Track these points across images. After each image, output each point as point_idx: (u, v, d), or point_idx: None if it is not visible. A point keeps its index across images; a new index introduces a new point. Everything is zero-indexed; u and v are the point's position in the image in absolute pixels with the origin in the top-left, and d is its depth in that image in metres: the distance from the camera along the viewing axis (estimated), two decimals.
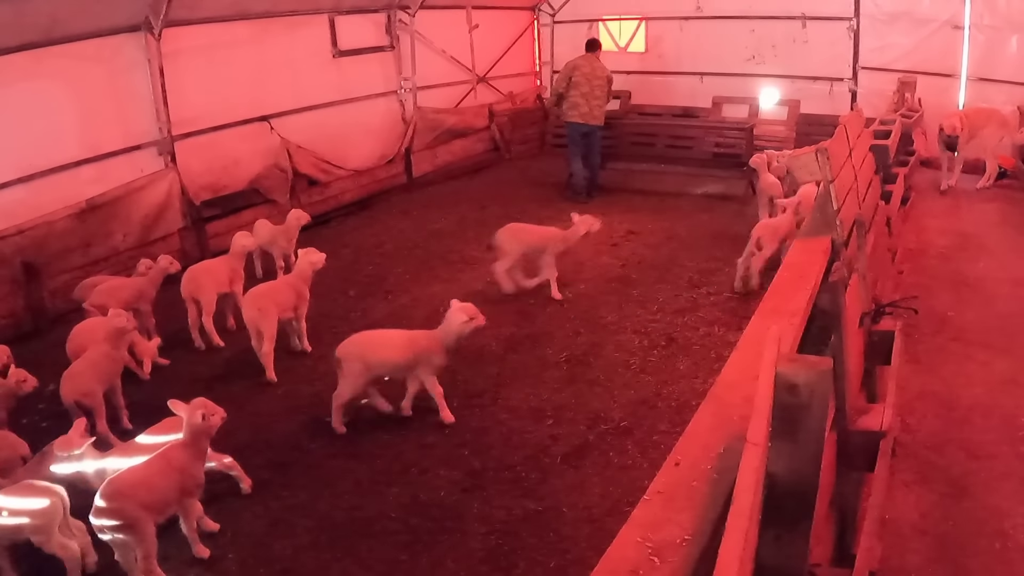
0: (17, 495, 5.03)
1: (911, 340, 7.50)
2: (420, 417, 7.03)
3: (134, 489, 4.93)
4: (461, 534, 5.54)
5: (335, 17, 13.78)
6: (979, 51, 14.61)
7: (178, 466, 5.16)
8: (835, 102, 15.69)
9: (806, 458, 2.44)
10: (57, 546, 4.96)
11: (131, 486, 4.94)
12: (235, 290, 8.58)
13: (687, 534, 2.17)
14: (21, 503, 4.98)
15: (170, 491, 5.10)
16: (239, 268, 8.72)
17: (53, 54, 9.51)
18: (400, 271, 10.76)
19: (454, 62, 16.84)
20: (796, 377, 2.33)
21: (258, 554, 5.44)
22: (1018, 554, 4.81)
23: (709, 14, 17.32)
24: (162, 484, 5.06)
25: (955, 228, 11.12)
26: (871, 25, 15.65)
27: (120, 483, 4.92)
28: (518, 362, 8.05)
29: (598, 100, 14.11)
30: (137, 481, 4.99)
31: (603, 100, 14.21)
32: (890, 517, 5.10)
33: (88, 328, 7.39)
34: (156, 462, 5.16)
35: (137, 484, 4.97)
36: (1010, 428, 6.18)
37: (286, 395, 7.56)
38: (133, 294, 8.23)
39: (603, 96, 14.20)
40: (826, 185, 4.92)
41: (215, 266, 8.70)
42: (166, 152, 10.98)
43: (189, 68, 11.17)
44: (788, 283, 4.10)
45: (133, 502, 4.85)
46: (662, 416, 6.77)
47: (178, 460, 5.18)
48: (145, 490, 4.95)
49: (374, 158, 14.81)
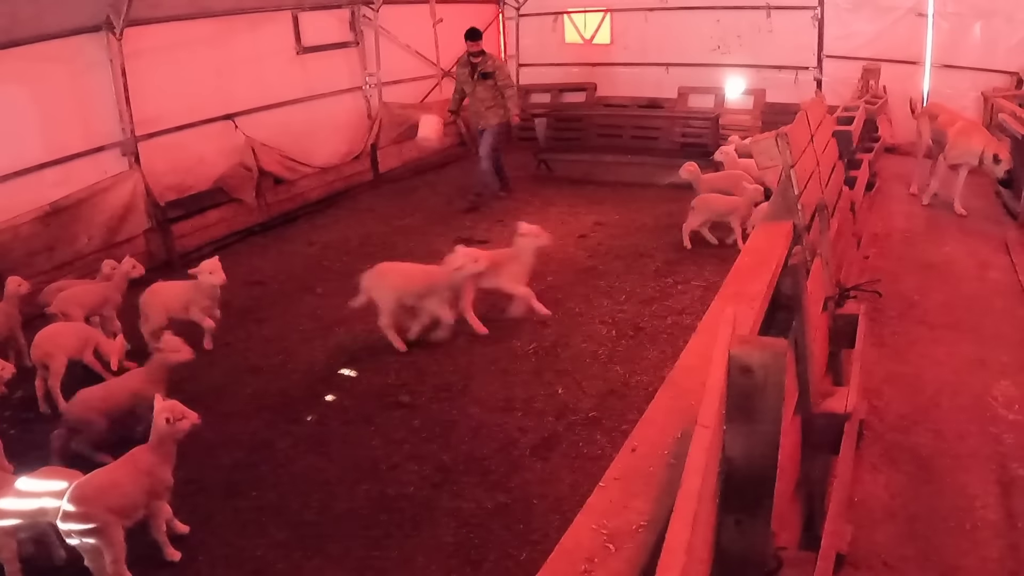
0: (41, 479, 5.01)
1: (877, 324, 7.55)
2: (387, 412, 7.01)
3: (101, 493, 4.86)
4: (431, 528, 5.51)
5: (298, 14, 13.69)
6: (943, 38, 14.76)
7: (145, 469, 5.10)
8: (800, 91, 15.72)
9: (763, 441, 2.43)
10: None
11: (98, 490, 4.87)
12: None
13: (643, 520, 2.15)
14: (47, 486, 4.94)
15: (138, 494, 5.04)
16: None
17: (13, 55, 9.37)
18: (367, 267, 10.68)
19: (419, 57, 16.78)
20: (750, 359, 2.31)
21: (229, 555, 5.40)
22: (987, 532, 4.83)
23: (674, 5, 17.38)
24: (130, 487, 5.00)
25: (921, 212, 11.20)
26: (835, 14, 15.75)
27: (87, 487, 4.86)
28: (486, 354, 8.02)
29: (481, 98, 13.42)
30: (104, 485, 4.93)
31: (489, 97, 13.37)
32: (859, 499, 5.11)
33: (53, 333, 7.30)
34: (123, 465, 5.11)
35: (104, 488, 4.90)
36: (977, 408, 6.22)
37: (254, 395, 7.51)
38: (98, 299, 8.13)
39: (488, 92, 13.36)
40: (786, 170, 4.92)
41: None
42: (130, 153, 10.84)
43: (152, 67, 11.04)
44: (749, 268, 4.10)
45: (100, 506, 4.79)
46: (631, 406, 6.77)
47: (145, 463, 5.13)
48: (113, 494, 4.89)
49: (340, 155, 14.75)
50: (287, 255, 11.44)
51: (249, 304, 9.67)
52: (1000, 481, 5.30)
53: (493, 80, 13.24)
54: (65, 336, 7.27)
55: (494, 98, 13.30)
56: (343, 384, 7.61)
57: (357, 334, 8.62)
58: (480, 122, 13.51)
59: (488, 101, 13.32)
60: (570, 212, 12.71)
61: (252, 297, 9.90)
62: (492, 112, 13.36)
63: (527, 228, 8.46)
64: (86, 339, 7.39)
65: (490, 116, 13.36)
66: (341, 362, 8.04)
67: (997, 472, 5.40)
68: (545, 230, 8.60)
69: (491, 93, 13.28)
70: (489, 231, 11.93)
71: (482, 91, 13.31)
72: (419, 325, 8.28)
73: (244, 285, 10.27)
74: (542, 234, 8.46)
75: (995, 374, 6.67)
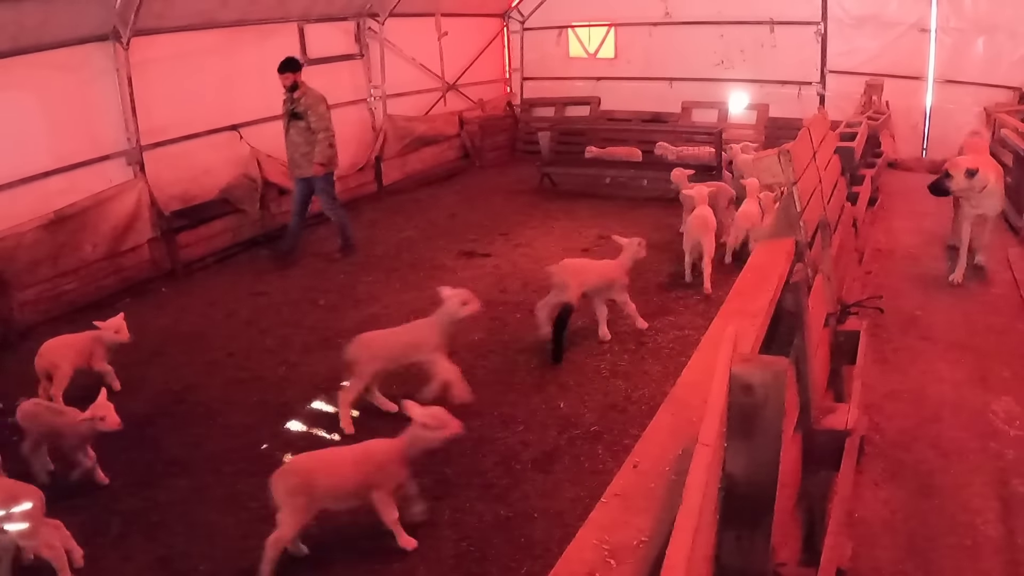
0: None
1: (879, 340, 7.55)
2: (389, 425, 7.00)
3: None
4: (432, 541, 5.51)
5: (304, 25, 13.77)
6: (946, 53, 14.82)
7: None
8: (804, 106, 15.79)
9: (764, 458, 2.44)
10: (44, 546, 4.93)
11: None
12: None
13: (644, 536, 2.17)
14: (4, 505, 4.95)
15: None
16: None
17: (20, 63, 9.44)
18: (370, 280, 10.73)
19: (424, 70, 16.85)
20: (751, 377, 2.34)
21: (231, 565, 5.40)
22: (988, 549, 4.82)
23: (678, 20, 17.47)
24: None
25: (923, 228, 11.18)
26: (838, 29, 15.82)
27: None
28: (488, 368, 8.04)
29: (294, 142, 11.36)
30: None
31: (303, 141, 11.24)
32: (860, 515, 5.11)
33: (59, 344, 7.33)
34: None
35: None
36: (979, 425, 6.20)
37: (256, 405, 7.53)
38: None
39: (302, 136, 11.24)
40: (789, 187, 4.95)
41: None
42: (135, 162, 10.89)
43: (158, 77, 11.11)
44: (751, 284, 4.12)
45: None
46: (632, 420, 6.77)
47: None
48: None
49: (344, 166, 14.71)
50: (289, 266, 11.46)
51: (252, 315, 9.70)
52: (1001, 497, 5.28)
53: (306, 121, 11.14)
54: (69, 347, 7.32)
55: (308, 143, 11.18)
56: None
57: None
58: (295, 171, 11.48)
59: (302, 146, 11.22)
60: (573, 226, 12.74)
61: (255, 308, 9.94)
62: (307, 160, 11.27)
63: (451, 293, 7.13)
64: (90, 348, 7.46)
65: (304, 165, 11.32)
66: (344, 374, 8.03)
67: (998, 488, 5.39)
68: (474, 296, 7.24)
69: (304, 137, 11.18)
70: (492, 244, 11.96)
71: (295, 134, 11.23)
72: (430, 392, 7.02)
73: (247, 296, 10.32)
74: (470, 299, 7.11)
75: (996, 390, 6.66)
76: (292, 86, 11.07)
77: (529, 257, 11.33)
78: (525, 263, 11.06)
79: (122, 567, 5.35)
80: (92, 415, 5.90)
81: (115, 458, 6.40)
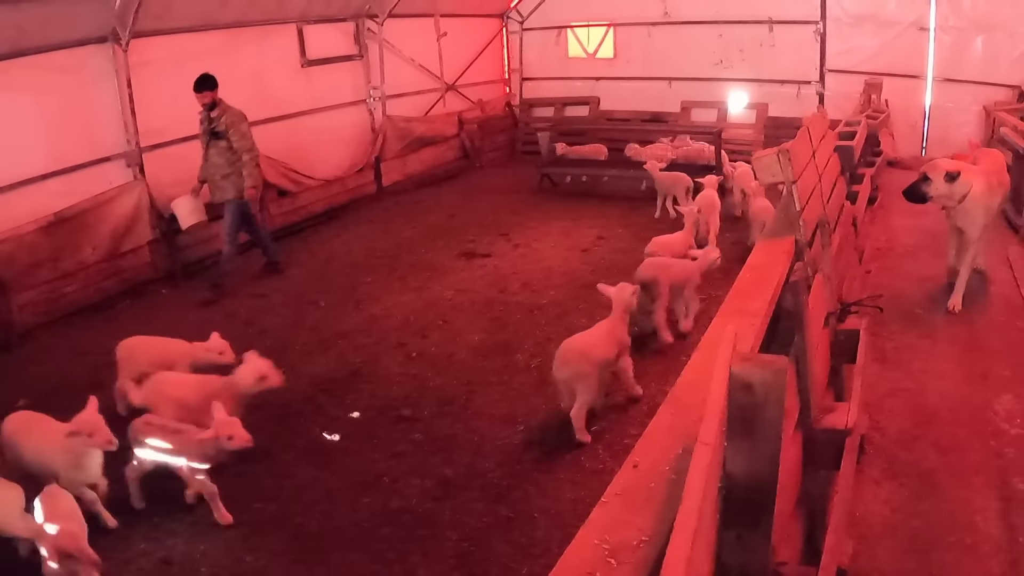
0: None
1: (880, 338, 7.54)
2: (389, 426, 7.02)
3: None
4: (433, 542, 5.52)
5: (303, 26, 13.77)
6: (945, 52, 14.83)
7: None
8: (803, 105, 15.77)
9: (764, 457, 2.45)
10: (23, 529, 4.92)
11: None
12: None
13: (644, 535, 2.17)
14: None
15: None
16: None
17: (19, 65, 9.42)
18: (370, 281, 10.73)
19: (423, 70, 16.85)
20: (751, 376, 2.34)
21: (231, 566, 5.41)
22: (989, 547, 4.82)
23: (677, 19, 17.47)
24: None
25: (923, 227, 11.16)
26: (837, 28, 15.83)
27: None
28: (489, 369, 8.04)
29: (215, 164, 10.57)
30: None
31: (224, 163, 10.50)
32: (860, 514, 5.10)
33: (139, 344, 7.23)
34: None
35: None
36: (979, 423, 6.19)
37: (256, 406, 7.48)
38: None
39: (222, 157, 10.50)
40: (788, 186, 4.95)
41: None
42: (134, 164, 10.89)
43: (157, 79, 11.08)
44: (751, 284, 4.12)
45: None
46: (633, 420, 6.78)
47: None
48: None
49: (343, 167, 14.80)
50: (290, 267, 11.46)
51: (251, 316, 9.71)
52: (1002, 496, 5.28)
53: (227, 141, 10.42)
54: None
55: (231, 164, 10.47)
56: (345, 397, 7.62)
57: (359, 347, 8.65)
58: (216, 194, 10.69)
59: (223, 168, 10.49)
60: (573, 226, 12.74)
61: (255, 309, 9.94)
62: (230, 182, 10.55)
63: (253, 362, 6.32)
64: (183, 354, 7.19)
65: (227, 187, 10.58)
66: (343, 375, 8.05)
67: (999, 487, 5.38)
68: (276, 369, 6.48)
69: (226, 158, 10.45)
70: (492, 245, 11.96)
71: (215, 155, 10.50)
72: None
73: (247, 297, 10.33)
74: (271, 373, 6.33)
75: (997, 388, 6.65)
76: (211, 104, 10.34)
77: (529, 258, 11.33)
78: (525, 263, 11.07)
79: (123, 569, 5.35)
80: (217, 434, 5.44)
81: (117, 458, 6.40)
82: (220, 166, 10.44)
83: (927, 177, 7.86)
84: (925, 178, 7.87)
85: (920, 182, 7.91)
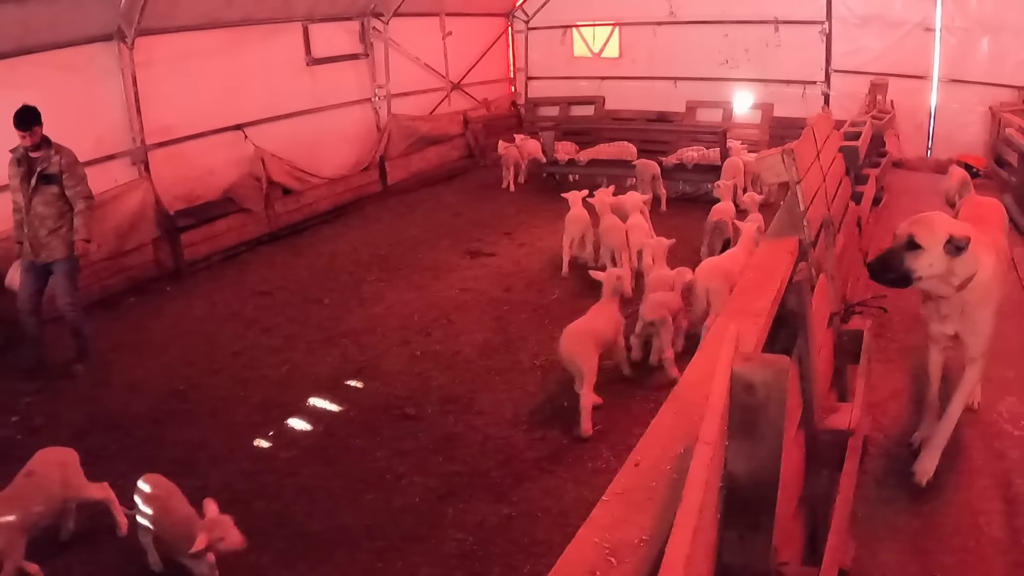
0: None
1: (884, 339, 7.54)
2: (393, 424, 7.03)
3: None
4: (436, 540, 5.52)
5: (309, 25, 13.80)
6: (950, 53, 14.81)
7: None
8: (808, 105, 15.80)
9: (765, 457, 2.44)
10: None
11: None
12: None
13: (645, 534, 2.16)
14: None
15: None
16: None
17: (25, 63, 9.47)
18: (374, 279, 10.74)
19: (428, 69, 16.88)
20: (753, 376, 2.34)
21: (235, 564, 5.39)
22: (991, 549, 4.81)
23: (682, 19, 17.48)
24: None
25: None
26: (843, 28, 15.83)
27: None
28: (493, 368, 8.04)
29: (41, 215, 8.03)
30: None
31: (54, 214, 8.06)
32: (863, 515, 5.10)
33: None
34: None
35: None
36: (983, 424, 6.19)
37: (260, 405, 7.53)
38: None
39: (52, 207, 8.05)
40: (793, 186, 4.93)
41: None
42: (139, 161, 10.94)
43: (162, 77, 11.13)
44: (754, 284, 4.11)
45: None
46: (637, 420, 6.75)
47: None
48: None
49: (348, 166, 14.82)
50: (295, 265, 11.48)
51: (256, 314, 9.72)
52: (1005, 497, 5.28)
53: (59, 187, 8.06)
54: None
55: (61, 215, 8.09)
56: (349, 395, 7.63)
57: (363, 345, 8.66)
58: (42, 254, 8.12)
59: (51, 221, 8.06)
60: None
61: (259, 307, 9.95)
62: (58, 238, 8.13)
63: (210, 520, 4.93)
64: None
65: (55, 245, 8.13)
66: (347, 373, 8.06)
67: (1002, 488, 5.38)
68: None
69: (56, 208, 8.07)
70: (496, 244, 11.96)
71: (42, 204, 8.02)
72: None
73: (251, 295, 10.34)
74: (227, 535, 4.88)
75: (1001, 390, 6.64)
76: (42, 142, 7.98)
77: (533, 256, 11.32)
78: (529, 262, 11.07)
79: (126, 568, 5.36)
80: (208, 539, 4.77)
81: (118, 457, 6.42)
82: (47, 218, 8.02)
83: (915, 243, 4.91)
84: (912, 244, 4.92)
85: (901, 250, 4.96)
